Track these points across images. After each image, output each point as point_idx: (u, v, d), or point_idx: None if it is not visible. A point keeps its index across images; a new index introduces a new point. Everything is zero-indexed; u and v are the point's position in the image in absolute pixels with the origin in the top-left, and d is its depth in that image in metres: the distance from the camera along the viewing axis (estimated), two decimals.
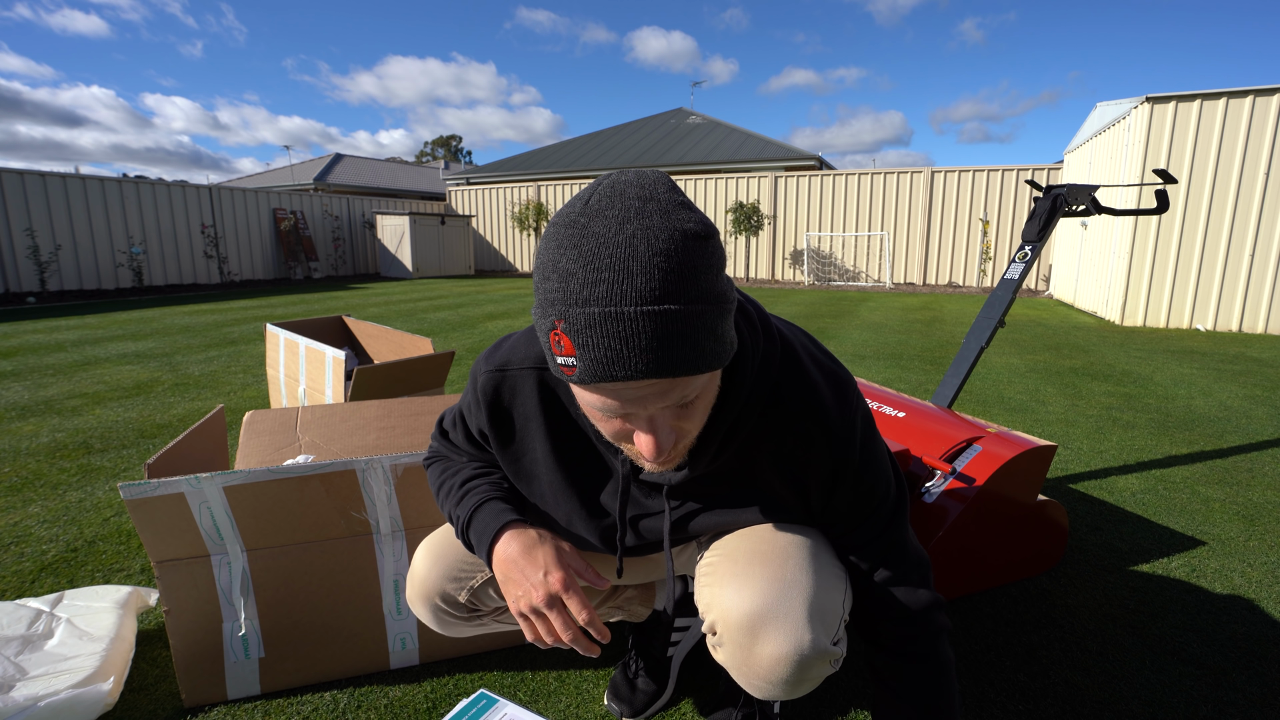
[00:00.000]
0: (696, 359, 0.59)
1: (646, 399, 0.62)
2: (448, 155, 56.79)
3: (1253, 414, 3.29)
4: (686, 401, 0.65)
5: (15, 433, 2.88)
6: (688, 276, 0.58)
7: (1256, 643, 1.41)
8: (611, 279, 0.56)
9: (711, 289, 0.60)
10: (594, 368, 0.59)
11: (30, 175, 9.47)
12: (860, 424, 0.80)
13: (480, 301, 8.75)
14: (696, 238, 0.59)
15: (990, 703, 1.23)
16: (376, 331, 2.81)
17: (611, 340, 0.57)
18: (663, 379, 0.60)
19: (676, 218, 0.59)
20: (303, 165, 23.36)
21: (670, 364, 0.58)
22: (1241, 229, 6.21)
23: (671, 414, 0.66)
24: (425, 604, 0.94)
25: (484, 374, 0.85)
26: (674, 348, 0.58)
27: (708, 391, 0.67)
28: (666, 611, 1.25)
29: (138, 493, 1.08)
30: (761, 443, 0.79)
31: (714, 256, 0.61)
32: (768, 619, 0.75)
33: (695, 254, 0.58)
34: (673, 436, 0.67)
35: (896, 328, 6.46)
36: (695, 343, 0.59)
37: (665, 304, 0.57)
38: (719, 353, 0.62)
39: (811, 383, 0.78)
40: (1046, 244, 8.07)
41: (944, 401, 2.21)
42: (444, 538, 0.98)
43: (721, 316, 0.61)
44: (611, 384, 0.60)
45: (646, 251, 0.57)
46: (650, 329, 0.56)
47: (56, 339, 5.53)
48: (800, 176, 12.50)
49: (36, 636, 1.26)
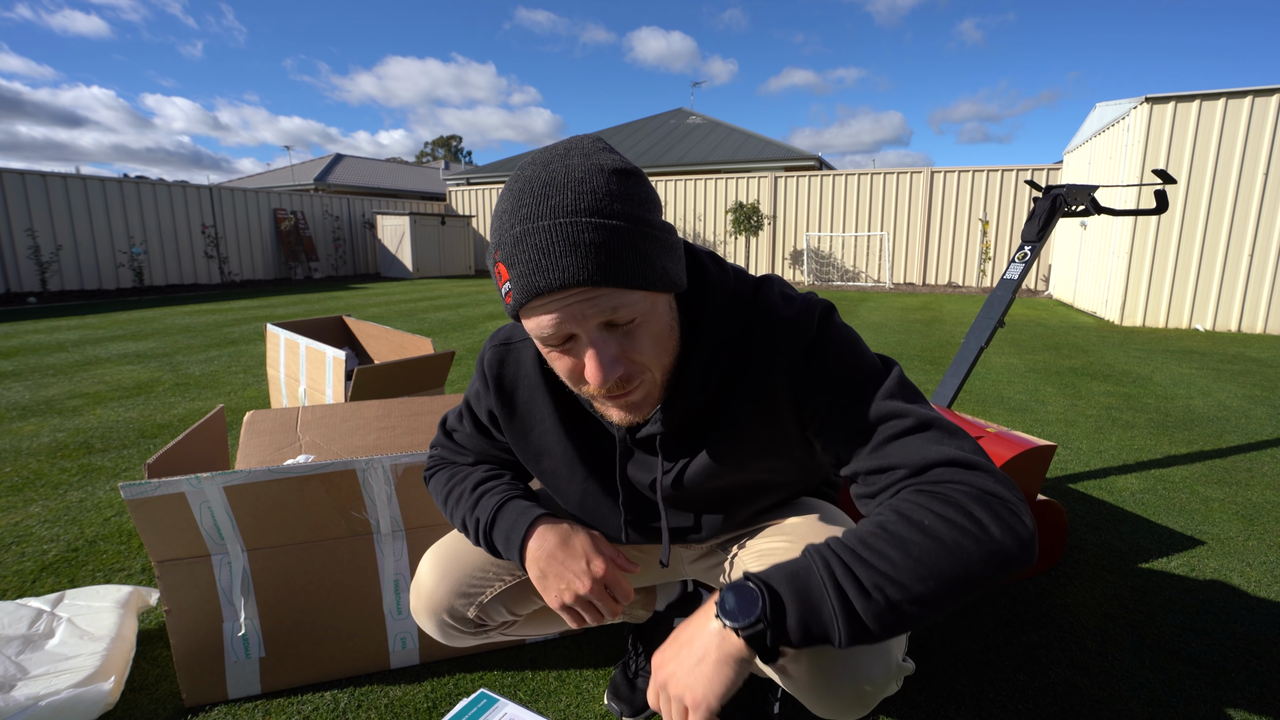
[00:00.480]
0: (614, 269, 0.62)
1: (575, 311, 0.64)
2: (448, 155, 56.79)
3: (1252, 414, 3.29)
4: (622, 321, 0.66)
5: (16, 433, 2.88)
6: (603, 197, 0.62)
7: (1256, 642, 1.41)
8: (531, 204, 0.62)
9: (631, 211, 0.64)
10: (521, 283, 0.63)
11: (31, 175, 9.47)
12: (819, 313, 0.76)
13: (480, 301, 8.75)
14: (616, 170, 0.64)
15: (990, 702, 1.23)
16: (376, 331, 2.82)
17: (531, 253, 0.62)
18: (583, 287, 0.62)
19: (597, 158, 0.65)
20: (303, 165, 23.37)
21: (586, 269, 0.61)
22: (1240, 229, 6.21)
23: (613, 340, 0.67)
24: (432, 618, 0.93)
25: (489, 350, 0.89)
26: (591, 256, 0.61)
27: (651, 319, 0.68)
28: (674, 605, 1.26)
29: (138, 493, 1.08)
30: (741, 377, 0.77)
31: (635, 187, 0.65)
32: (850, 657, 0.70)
33: (613, 182, 0.63)
34: (619, 366, 0.67)
35: (896, 328, 6.46)
36: (612, 253, 0.62)
37: (580, 216, 0.61)
38: (643, 271, 0.64)
39: (782, 304, 0.77)
40: (1046, 244, 8.07)
41: (944, 401, 2.21)
42: (450, 549, 0.96)
43: (643, 237, 0.64)
44: (541, 300, 0.64)
45: (564, 179, 0.63)
46: (564, 236, 0.61)
47: (57, 339, 5.53)
48: (800, 176, 12.50)
49: (37, 636, 1.27)
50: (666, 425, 0.78)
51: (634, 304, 0.65)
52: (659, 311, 0.70)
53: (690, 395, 0.76)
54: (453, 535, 0.99)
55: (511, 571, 0.94)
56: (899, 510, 0.64)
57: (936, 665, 1.33)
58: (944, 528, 0.61)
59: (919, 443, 0.68)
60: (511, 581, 0.93)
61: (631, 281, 0.63)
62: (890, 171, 11.90)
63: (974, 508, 0.62)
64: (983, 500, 0.62)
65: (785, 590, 0.61)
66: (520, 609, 0.96)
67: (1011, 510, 0.62)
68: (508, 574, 0.94)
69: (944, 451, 0.66)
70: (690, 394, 0.76)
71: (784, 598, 0.61)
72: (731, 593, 0.63)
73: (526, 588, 0.94)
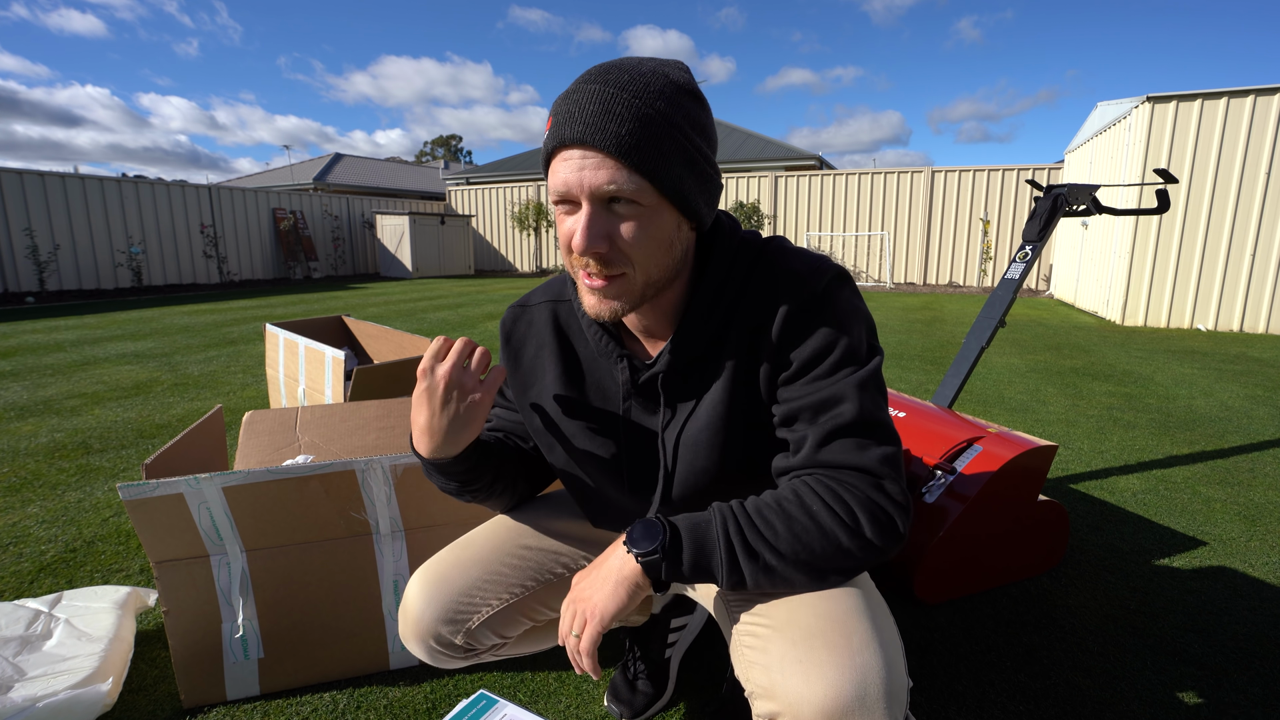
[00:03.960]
0: (632, 149, 0.66)
1: (586, 176, 0.68)
2: (448, 155, 56.79)
3: (1254, 414, 3.28)
4: (623, 197, 0.68)
5: (14, 433, 2.88)
6: (654, 93, 0.68)
7: (1258, 643, 1.41)
8: (595, 73, 0.70)
9: (672, 116, 0.68)
10: (553, 130, 0.70)
11: (29, 175, 9.47)
12: (832, 277, 0.77)
13: (480, 301, 8.74)
14: (680, 85, 0.70)
15: (991, 703, 1.22)
16: (376, 331, 2.81)
17: (570, 106, 0.68)
18: (598, 151, 0.67)
19: (670, 70, 0.71)
20: (302, 165, 23.36)
21: (607, 136, 0.66)
22: (1243, 228, 6.20)
23: (609, 219, 0.70)
24: (419, 644, 0.91)
25: (508, 310, 0.95)
26: (618, 127, 0.66)
27: (652, 220, 0.71)
28: (670, 608, 1.25)
29: (137, 493, 1.07)
30: (741, 320, 0.79)
31: (690, 106, 0.70)
32: (845, 715, 0.66)
33: (670, 89, 0.69)
34: (602, 242, 0.70)
35: (897, 328, 6.46)
36: (638, 135, 0.66)
37: (624, 92, 0.67)
38: (660, 168, 0.68)
39: (791, 257, 0.80)
40: (1047, 244, 8.07)
41: (944, 402, 2.21)
42: (437, 571, 0.94)
43: (673, 141, 0.69)
44: (563, 153, 0.69)
45: (631, 66, 0.70)
46: (602, 101, 0.67)
47: (55, 339, 5.52)
48: (800, 176, 12.49)
49: (35, 637, 1.26)
50: (672, 360, 0.80)
51: (637, 192, 0.68)
52: (664, 220, 0.72)
53: (693, 331, 0.79)
54: (441, 554, 0.97)
55: (499, 595, 0.92)
56: (798, 491, 0.73)
57: (937, 666, 1.33)
58: (827, 516, 0.71)
59: (849, 446, 0.74)
60: (499, 606, 0.91)
61: (642, 167, 0.67)
62: (891, 171, 11.89)
63: (858, 509, 0.71)
64: (868, 505, 0.71)
65: (685, 534, 0.72)
66: (509, 631, 0.94)
67: (889, 516, 0.72)
68: (495, 597, 0.92)
69: (861, 460, 0.73)
70: (694, 329, 0.79)
71: (683, 539, 0.72)
72: (641, 525, 0.74)
73: (515, 611, 0.93)
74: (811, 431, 0.75)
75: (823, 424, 0.75)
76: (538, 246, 15.26)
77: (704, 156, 0.72)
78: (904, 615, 1.51)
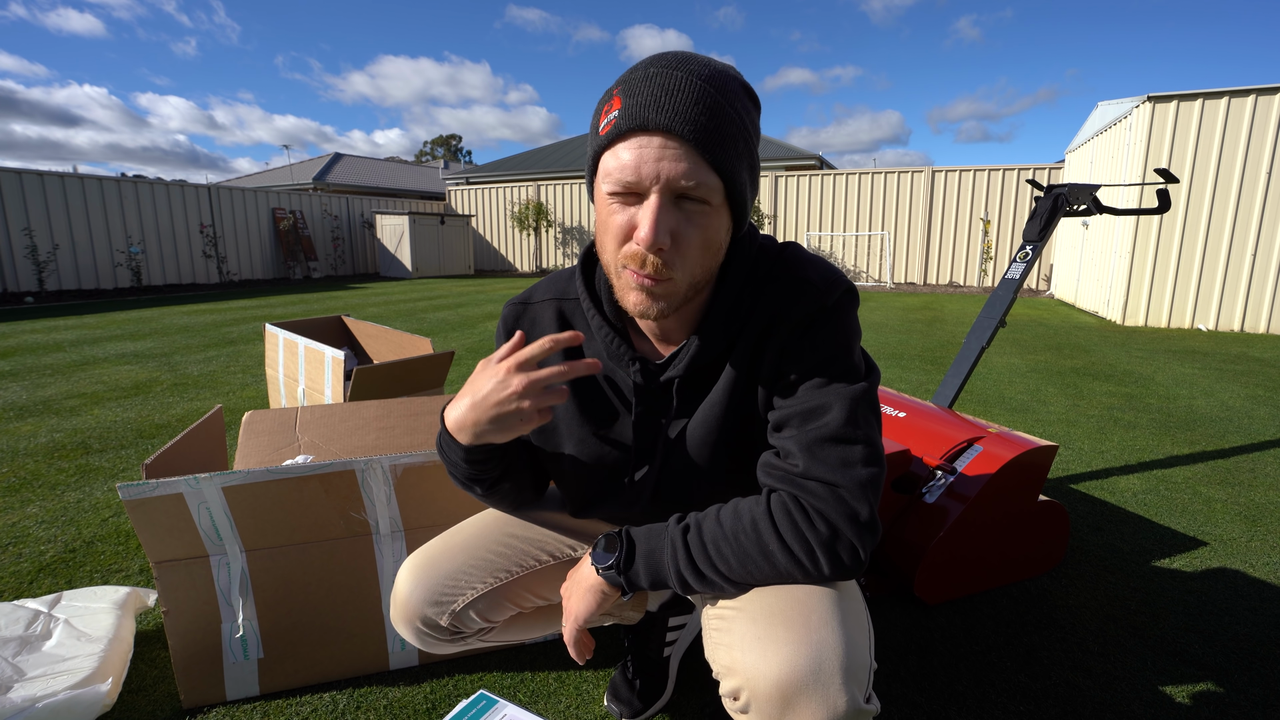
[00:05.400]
0: (717, 143, 0.66)
1: (665, 166, 0.66)
2: (447, 155, 56.79)
3: (1255, 414, 3.28)
4: (694, 197, 0.68)
5: (13, 433, 2.87)
6: (731, 92, 0.68)
7: (1259, 644, 1.40)
8: (671, 59, 0.69)
9: (743, 118, 0.69)
10: (632, 111, 0.66)
11: (28, 175, 9.47)
12: (844, 292, 0.79)
13: (480, 301, 8.74)
14: (746, 88, 0.71)
15: (991, 704, 1.22)
16: (376, 331, 2.81)
17: (656, 89, 0.66)
18: (683, 142, 0.65)
19: (732, 71, 0.72)
20: (302, 165, 23.36)
21: (695, 127, 0.65)
22: (1244, 228, 6.20)
23: (676, 216, 0.69)
24: (407, 626, 0.94)
25: (507, 307, 0.93)
26: (706, 118, 0.65)
27: (711, 222, 0.71)
28: (667, 605, 1.25)
29: (136, 493, 1.07)
30: (753, 323, 0.79)
31: (754, 109, 0.71)
32: (800, 688, 0.68)
33: (740, 90, 0.70)
34: (668, 239, 0.69)
35: (897, 328, 6.45)
36: (722, 131, 0.66)
37: (709, 85, 0.66)
38: (733, 167, 0.68)
39: (808, 265, 0.81)
40: (1048, 244, 8.06)
41: (945, 402, 2.20)
42: (425, 556, 0.96)
43: (745, 142, 0.69)
44: (641, 137, 0.66)
45: (703, 60, 0.69)
46: (691, 90, 0.65)
47: (54, 339, 5.52)
48: (800, 176, 12.49)
49: (34, 637, 1.26)
50: (691, 365, 0.80)
51: (711, 191, 0.68)
52: (720, 222, 0.72)
53: (714, 336, 0.79)
54: (430, 542, 0.99)
55: (484, 579, 0.94)
56: (758, 526, 0.74)
57: (937, 666, 1.33)
58: (783, 558, 0.72)
59: (830, 459, 0.74)
60: (483, 589, 0.93)
61: (722, 165, 0.67)
62: (891, 171, 11.89)
63: (819, 548, 0.71)
64: (829, 542, 0.71)
65: (641, 551, 0.78)
66: (494, 615, 0.95)
67: (851, 547, 0.72)
68: (479, 581, 0.93)
69: (837, 477, 0.73)
70: (714, 334, 0.79)
71: (637, 556, 0.78)
72: (603, 539, 0.81)
73: (499, 595, 0.95)
74: (796, 438, 0.75)
75: (808, 432, 0.75)
76: (537, 246, 15.25)
77: (756, 155, 0.73)
78: (904, 615, 1.50)
